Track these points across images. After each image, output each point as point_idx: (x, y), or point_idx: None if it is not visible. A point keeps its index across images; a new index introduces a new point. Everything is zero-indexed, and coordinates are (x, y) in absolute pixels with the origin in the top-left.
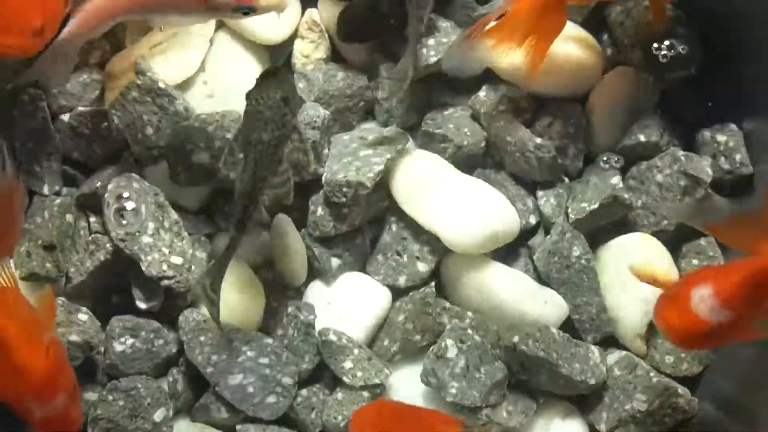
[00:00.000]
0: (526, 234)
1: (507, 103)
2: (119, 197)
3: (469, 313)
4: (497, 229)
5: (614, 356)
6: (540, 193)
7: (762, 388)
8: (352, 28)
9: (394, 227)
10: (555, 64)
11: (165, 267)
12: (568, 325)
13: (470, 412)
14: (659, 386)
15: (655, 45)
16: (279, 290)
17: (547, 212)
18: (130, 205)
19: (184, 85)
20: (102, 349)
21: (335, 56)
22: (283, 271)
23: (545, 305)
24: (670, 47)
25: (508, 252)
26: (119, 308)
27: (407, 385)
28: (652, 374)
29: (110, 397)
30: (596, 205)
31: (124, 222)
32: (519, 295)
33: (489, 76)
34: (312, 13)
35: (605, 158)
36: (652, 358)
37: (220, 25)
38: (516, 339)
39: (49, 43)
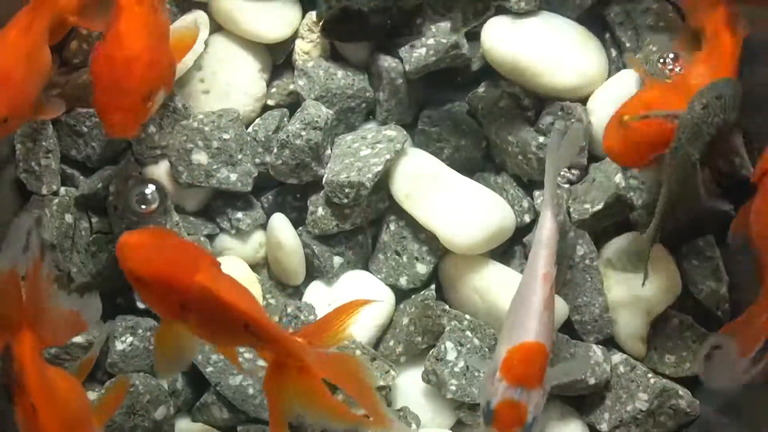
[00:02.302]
0: (521, 230)
1: (507, 99)
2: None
3: (467, 316)
4: (494, 229)
5: (618, 356)
6: (537, 192)
7: (763, 388)
8: (344, 27)
9: (392, 226)
10: (557, 64)
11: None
12: (567, 327)
13: (470, 410)
14: (657, 387)
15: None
16: (277, 289)
17: None
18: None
19: (181, 83)
20: (105, 348)
21: (335, 56)
22: (280, 269)
23: None
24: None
25: (503, 250)
26: (123, 309)
27: (409, 385)
28: (650, 375)
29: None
30: (600, 206)
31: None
32: None
33: (489, 73)
34: (313, 15)
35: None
36: (650, 359)
37: (219, 28)
38: None
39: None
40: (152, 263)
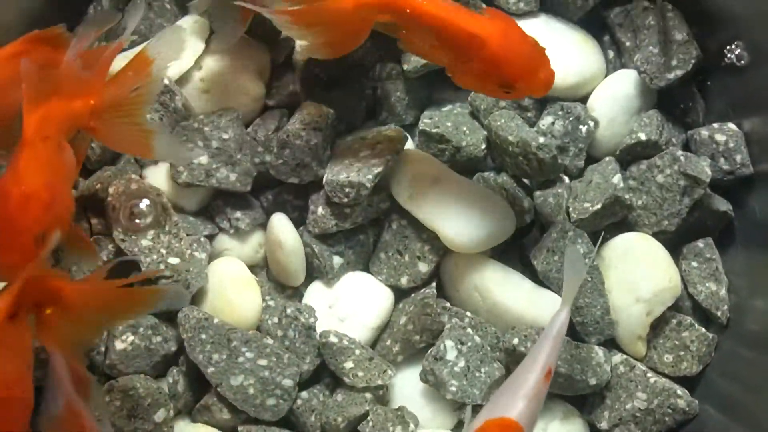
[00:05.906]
0: (521, 231)
1: (508, 100)
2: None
3: (468, 313)
4: (494, 229)
5: (618, 357)
6: (538, 192)
7: (762, 389)
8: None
9: (394, 225)
10: (557, 65)
11: (162, 268)
12: (569, 328)
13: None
14: (656, 387)
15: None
16: (276, 291)
17: (546, 211)
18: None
19: (181, 82)
20: (102, 348)
21: None
22: (280, 270)
23: (545, 309)
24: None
25: (502, 250)
26: None
27: (408, 384)
28: (649, 374)
29: (107, 398)
30: (599, 206)
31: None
32: (517, 297)
33: None
34: None
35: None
36: (650, 359)
37: None
38: (516, 341)
39: None
40: None
